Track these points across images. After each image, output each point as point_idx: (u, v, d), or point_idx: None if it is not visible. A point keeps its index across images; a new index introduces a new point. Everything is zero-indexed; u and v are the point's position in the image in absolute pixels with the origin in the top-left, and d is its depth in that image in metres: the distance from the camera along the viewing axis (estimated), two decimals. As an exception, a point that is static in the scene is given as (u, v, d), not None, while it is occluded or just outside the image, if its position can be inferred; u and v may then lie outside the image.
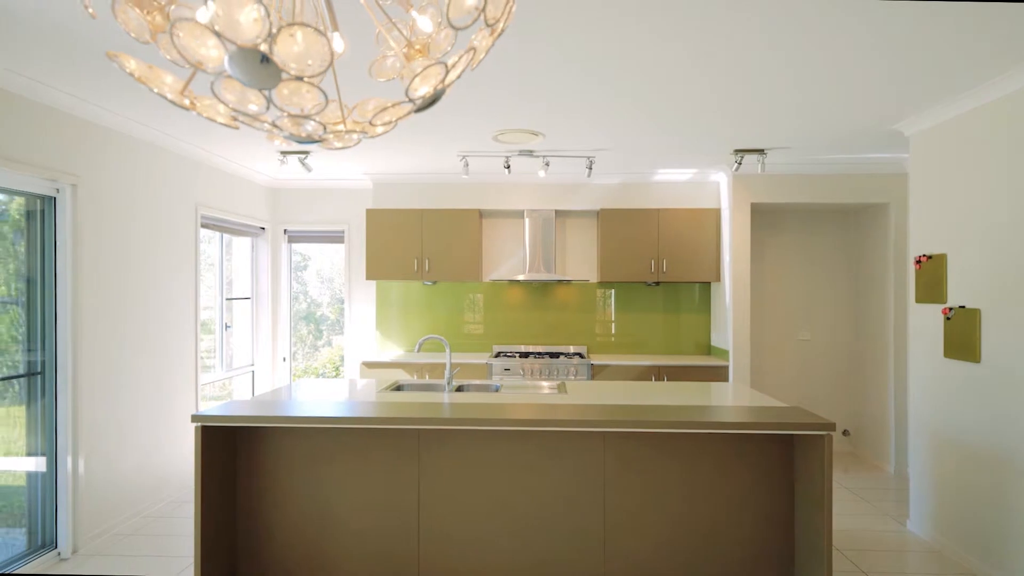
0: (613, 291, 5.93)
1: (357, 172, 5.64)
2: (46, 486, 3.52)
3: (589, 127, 4.06)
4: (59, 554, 3.50)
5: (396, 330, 5.99)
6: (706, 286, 5.90)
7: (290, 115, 0.99)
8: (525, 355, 5.66)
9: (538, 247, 5.67)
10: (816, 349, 5.84)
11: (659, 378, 5.26)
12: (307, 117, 1.00)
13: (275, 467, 3.27)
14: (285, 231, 6.15)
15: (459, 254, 5.62)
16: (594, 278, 5.89)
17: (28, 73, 3.10)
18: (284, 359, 6.15)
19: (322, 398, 3.46)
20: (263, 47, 0.86)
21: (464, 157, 4.79)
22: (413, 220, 5.62)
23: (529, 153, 4.73)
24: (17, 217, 3.39)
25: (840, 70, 3.03)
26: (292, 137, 1.09)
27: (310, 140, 1.10)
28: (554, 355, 5.64)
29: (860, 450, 5.68)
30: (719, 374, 5.28)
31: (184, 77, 1.08)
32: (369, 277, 5.64)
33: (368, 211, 5.63)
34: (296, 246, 6.35)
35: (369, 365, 5.43)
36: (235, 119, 1.06)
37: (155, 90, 1.02)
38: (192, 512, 4.21)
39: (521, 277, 5.58)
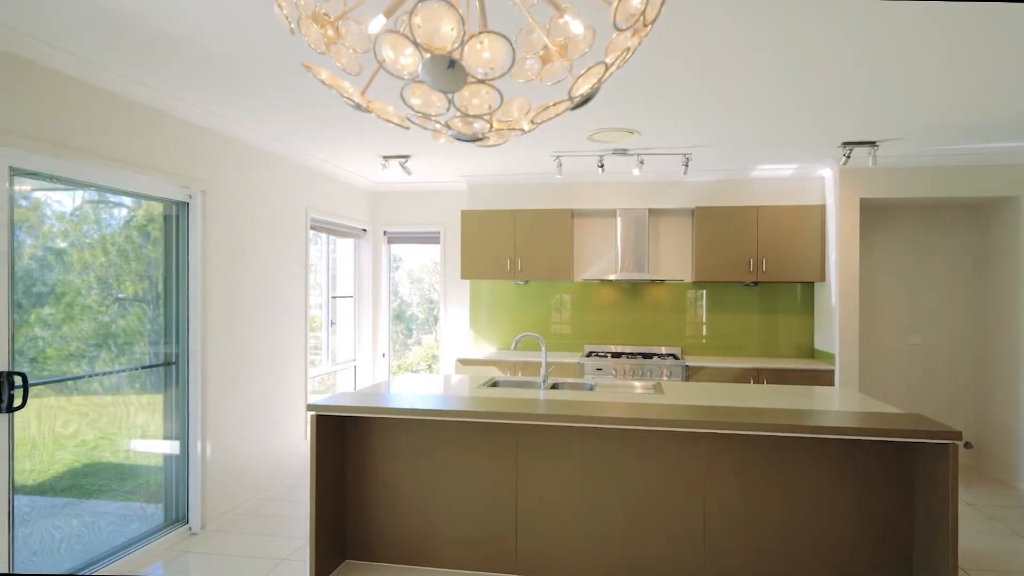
0: (708, 291, 5.79)
1: (453, 175, 5.81)
2: (179, 467, 3.86)
3: (686, 124, 4.00)
4: (190, 529, 3.84)
5: (489, 328, 6.12)
6: (809, 286, 5.64)
7: (462, 115, 1.06)
8: (617, 355, 5.63)
9: (630, 246, 5.62)
10: (931, 354, 5.45)
11: (758, 381, 5.08)
12: (478, 117, 1.07)
13: (381, 455, 3.44)
14: (385, 232, 6.43)
15: (551, 254, 5.67)
16: (688, 278, 5.77)
17: (169, 90, 3.43)
18: (383, 355, 6.43)
19: (422, 392, 3.60)
20: (455, 54, 0.94)
21: (558, 157, 4.83)
22: (506, 220, 5.72)
23: (623, 152, 4.71)
24: (144, 222, 3.75)
25: (971, 53, 2.83)
26: (458, 136, 1.17)
27: (473, 138, 1.18)
28: (647, 356, 5.57)
29: (984, 464, 5.25)
30: (824, 378, 5.04)
31: (349, 83, 1.18)
32: (464, 276, 5.80)
33: (463, 212, 5.78)
34: (390, 247, 6.61)
35: (464, 362, 5.58)
36: (408, 120, 1.15)
37: (343, 95, 1.13)
38: (303, 497, 4.51)
39: (613, 277, 5.55)
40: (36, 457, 3.00)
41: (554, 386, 4.02)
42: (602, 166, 4.89)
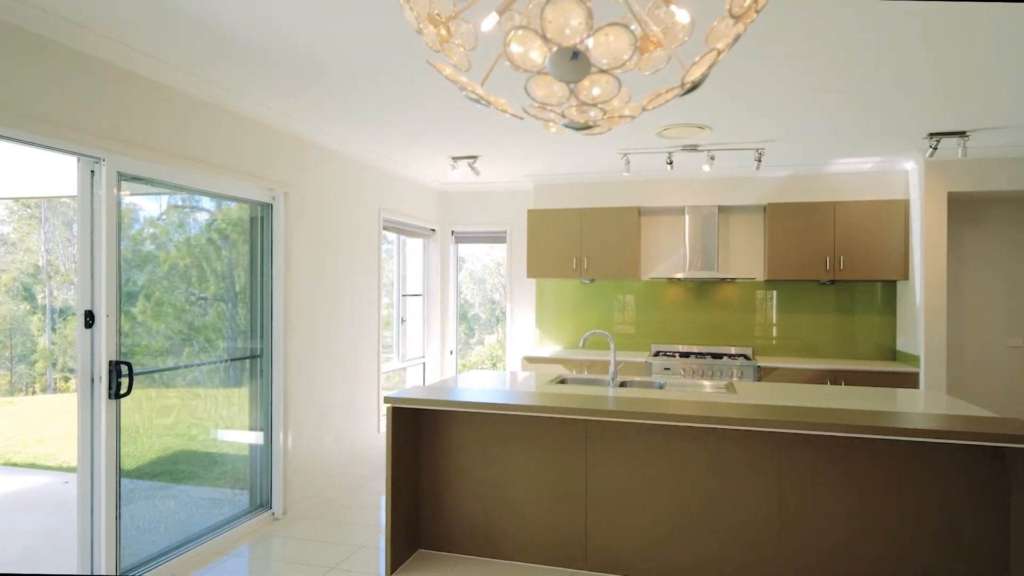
0: (781, 290, 5.62)
1: (518, 175, 5.87)
2: (263, 456, 4.07)
3: (761, 117, 3.91)
4: (273, 514, 4.04)
5: (554, 327, 6.14)
6: (890, 285, 5.39)
7: (579, 104, 1.11)
8: (685, 355, 5.55)
9: (698, 244, 5.53)
10: (1030, 357, 5.10)
11: (835, 383, 4.90)
12: (594, 105, 1.12)
13: (453, 448, 3.52)
14: (452, 232, 6.56)
15: (617, 252, 5.64)
16: (760, 276, 5.62)
17: (256, 97, 3.62)
18: (451, 352, 6.56)
19: (492, 387, 3.66)
20: (581, 46, 0.98)
21: (625, 155, 4.81)
22: (572, 219, 5.73)
23: (693, 148, 4.64)
24: (224, 226, 3.97)
25: (1072, 35, 2.66)
26: (569, 124, 1.22)
27: (584, 126, 1.22)
28: (716, 356, 5.47)
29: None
30: (907, 381, 4.81)
31: (466, 78, 1.25)
32: (530, 275, 5.85)
33: (529, 211, 5.83)
34: (457, 246, 6.73)
35: (530, 360, 5.63)
36: (524, 110, 1.21)
37: (463, 89, 1.20)
38: (377, 488, 4.67)
39: (680, 275, 5.48)
40: (135, 443, 3.23)
41: (622, 384, 4.00)
42: (671, 163, 4.84)
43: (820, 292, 5.53)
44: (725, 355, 5.51)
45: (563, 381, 4.06)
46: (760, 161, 4.75)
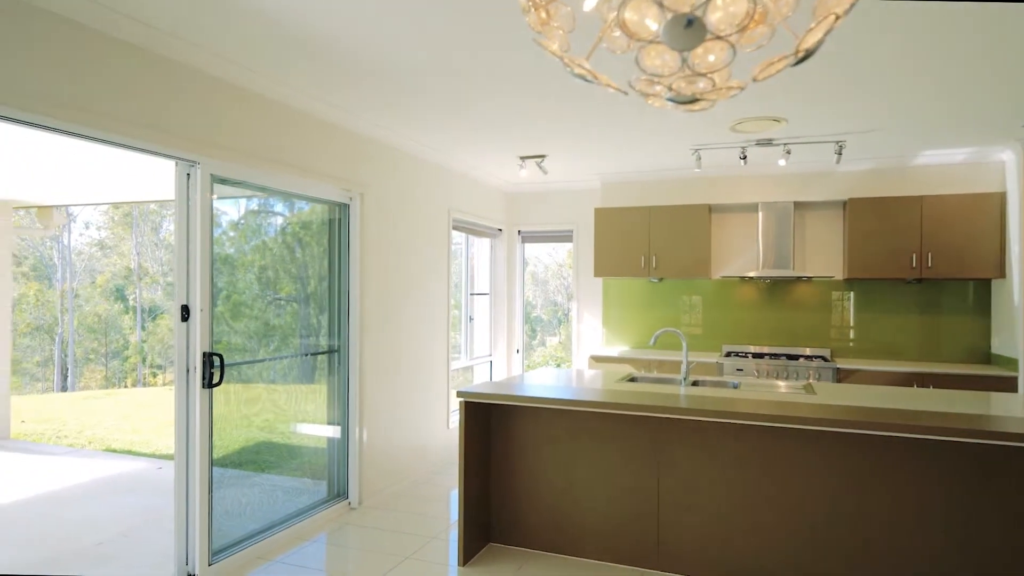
0: (861, 289, 5.38)
1: (586, 173, 5.86)
2: (340, 449, 4.22)
3: (842, 108, 3.76)
4: (349, 504, 4.19)
5: (622, 326, 6.09)
6: (984, 283, 5.06)
7: (688, 75, 1.12)
8: (758, 356, 5.39)
9: (772, 242, 5.36)
10: None
11: (922, 387, 4.65)
12: (703, 75, 1.13)
13: (524, 443, 3.55)
14: (519, 232, 6.61)
15: (687, 251, 5.54)
16: (839, 275, 5.40)
17: (334, 101, 3.77)
18: (517, 351, 6.61)
19: (561, 385, 3.67)
20: (699, 12, 1.00)
21: (697, 151, 4.72)
22: (640, 217, 5.67)
23: (768, 142, 4.51)
24: (298, 229, 4.13)
25: None
26: (675, 98, 1.23)
27: (690, 99, 1.23)
28: (792, 357, 5.28)
29: None
30: (1004, 385, 4.50)
31: (566, 56, 1.28)
32: (597, 274, 5.82)
33: (596, 210, 5.81)
34: (524, 246, 6.77)
35: (597, 359, 5.61)
36: (629, 84, 1.23)
37: (568, 66, 1.23)
38: (447, 482, 4.75)
39: (753, 274, 5.32)
40: (221, 434, 3.40)
41: (694, 383, 3.93)
42: (744, 158, 4.72)
43: (904, 291, 5.26)
44: (801, 356, 5.31)
45: (633, 379, 4.03)
46: (840, 154, 4.56)
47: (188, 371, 3.10)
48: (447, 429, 5.38)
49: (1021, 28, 2.62)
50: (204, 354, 3.10)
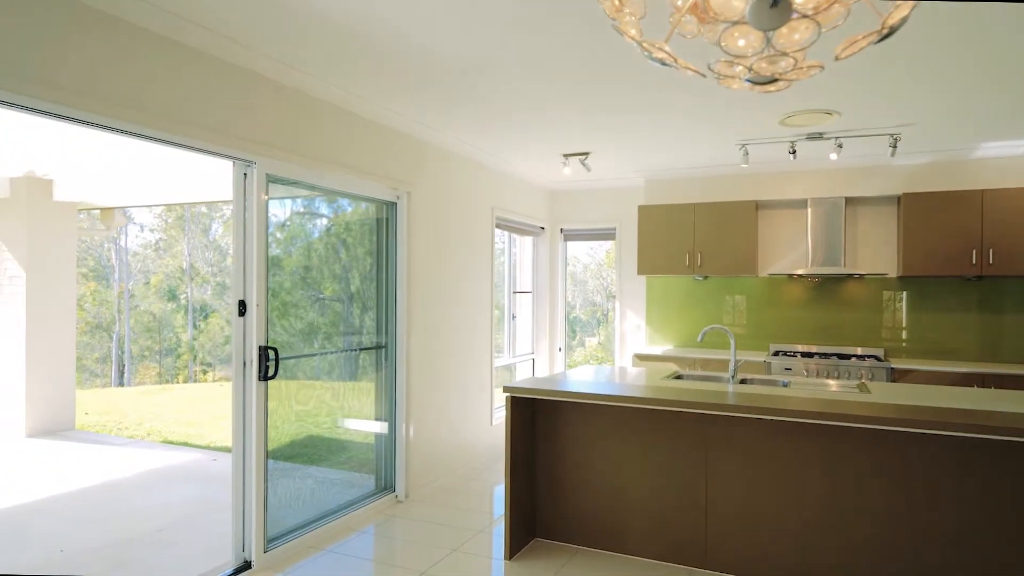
0: (916, 287, 5.20)
1: (629, 170, 5.82)
2: (388, 444, 4.30)
3: (898, 98, 3.65)
4: (396, 497, 4.26)
5: (666, 325, 6.03)
6: (1050, 281, 4.84)
7: (768, 56, 1.13)
8: (807, 355, 5.26)
9: (822, 238, 5.23)
10: None
11: (983, 388, 4.47)
12: (785, 54, 1.13)
13: (569, 439, 3.55)
14: (561, 230, 6.61)
15: (733, 248, 5.45)
16: (892, 272, 5.23)
17: (382, 101, 3.85)
18: (560, 349, 6.61)
19: (606, 381, 3.66)
20: None
21: (744, 146, 4.65)
22: (685, 215, 5.61)
23: (819, 136, 4.41)
24: (340, 230, 4.22)
25: None
26: (756, 79, 1.23)
27: (770, 80, 1.23)
28: (843, 356, 5.15)
29: None
30: (1073, 387, 4.30)
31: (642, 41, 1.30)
32: (640, 272, 5.78)
33: (640, 207, 5.77)
34: (566, 244, 6.77)
35: (641, 357, 5.57)
36: (708, 66, 1.24)
37: (653, 54, 1.25)
38: (491, 478, 4.79)
39: (801, 271, 5.21)
40: (273, 427, 3.50)
41: (742, 381, 3.87)
42: (793, 152, 4.62)
43: (963, 289, 5.06)
44: (852, 356, 5.17)
45: (679, 377, 3.99)
46: (895, 147, 4.42)
47: (245, 364, 3.21)
48: (490, 426, 5.42)
49: (1094, 11, 2.51)
50: (260, 348, 3.20)
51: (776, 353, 5.39)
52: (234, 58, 3.00)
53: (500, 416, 5.57)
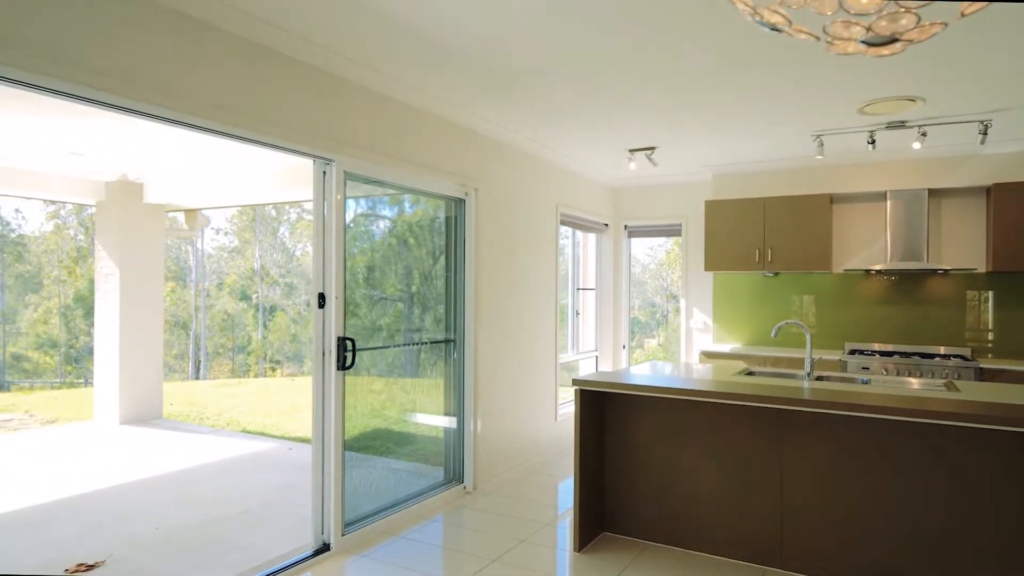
0: (1007, 283, 4.90)
1: (696, 165, 5.73)
2: (456, 438, 4.39)
3: (991, 81, 3.46)
4: (464, 488, 4.34)
5: (734, 323, 5.90)
6: None
7: (889, 14, 1.12)
8: (886, 354, 5.05)
9: (902, 232, 5.01)
10: None
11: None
12: (907, 11, 1.12)
13: (638, 433, 3.54)
14: (625, 227, 6.57)
15: (806, 243, 5.29)
16: (981, 267, 4.95)
17: (451, 99, 3.94)
18: (624, 346, 6.57)
19: (675, 376, 3.62)
20: None
21: (819, 136, 4.50)
22: (754, 209, 5.48)
23: (900, 124, 4.23)
24: (403, 230, 4.32)
25: None
26: (873, 40, 1.22)
27: (888, 40, 1.22)
28: (926, 356, 4.91)
29: None
30: None
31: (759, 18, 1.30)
32: (708, 269, 5.68)
33: (707, 203, 5.67)
34: (630, 241, 6.71)
35: (708, 355, 5.47)
36: (823, 30, 1.24)
37: (766, 19, 1.25)
38: (557, 472, 4.82)
39: (880, 267, 5.00)
40: (347, 420, 3.62)
41: (818, 379, 3.76)
42: (872, 142, 4.44)
43: (1062, 285, 4.74)
44: (936, 355, 4.93)
45: (750, 373, 3.91)
46: (985, 135, 4.19)
47: (324, 354, 3.35)
48: (554, 422, 5.44)
49: None
50: (338, 338, 3.33)
51: (852, 352, 5.19)
52: (313, 59, 3.14)
53: (564, 412, 5.59)
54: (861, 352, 5.16)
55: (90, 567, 3.17)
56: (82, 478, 4.67)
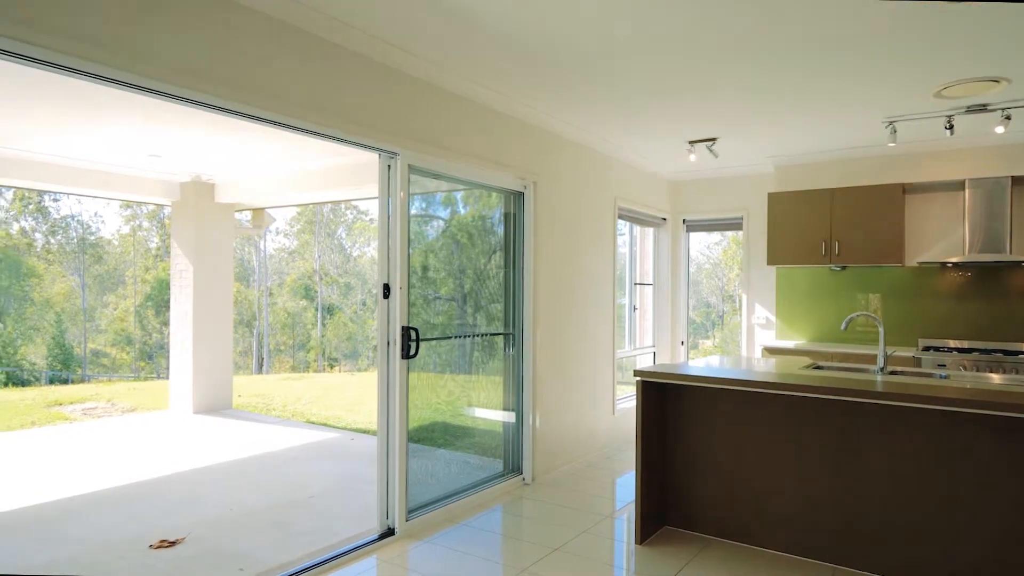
0: (1103, 275, 4.59)
1: (758, 156, 5.60)
2: (515, 432, 4.42)
3: (1081, 60, 3.26)
4: (523, 479, 4.37)
5: (798, 318, 5.73)
6: None
7: None
8: (964, 351, 4.80)
9: (981, 222, 4.76)
10: None
11: None
12: None
13: (700, 427, 3.48)
14: (684, 221, 6.47)
15: (875, 235, 5.08)
16: (1071, 259, 4.65)
17: (511, 94, 3.97)
18: (682, 342, 6.47)
19: (739, 369, 3.54)
20: None
21: (891, 123, 4.33)
22: (820, 201, 5.30)
23: (981, 108, 4.02)
24: (456, 230, 4.36)
25: None
26: None
27: None
28: (1009, 353, 4.65)
29: None
30: None
31: None
32: (770, 263, 5.53)
33: (770, 195, 5.52)
34: (688, 235, 6.60)
35: (771, 351, 5.33)
36: None
37: None
38: (616, 466, 4.79)
39: (957, 259, 4.76)
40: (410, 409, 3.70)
41: (892, 373, 3.61)
42: (950, 128, 4.23)
43: None
44: (1019, 352, 4.65)
45: (818, 367, 3.79)
46: (1076, 116, 3.94)
47: (389, 344, 3.43)
48: (612, 416, 5.41)
49: None
50: (403, 328, 3.41)
51: (927, 349, 4.96)
52: (378, 55, 3.22)
53: (622, 407, 5.55)
54: (936, 348, 4.93)
55: (172, 543, 3.34)
56: (161, 462, 4.93)
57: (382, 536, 3.38)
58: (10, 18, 1.96)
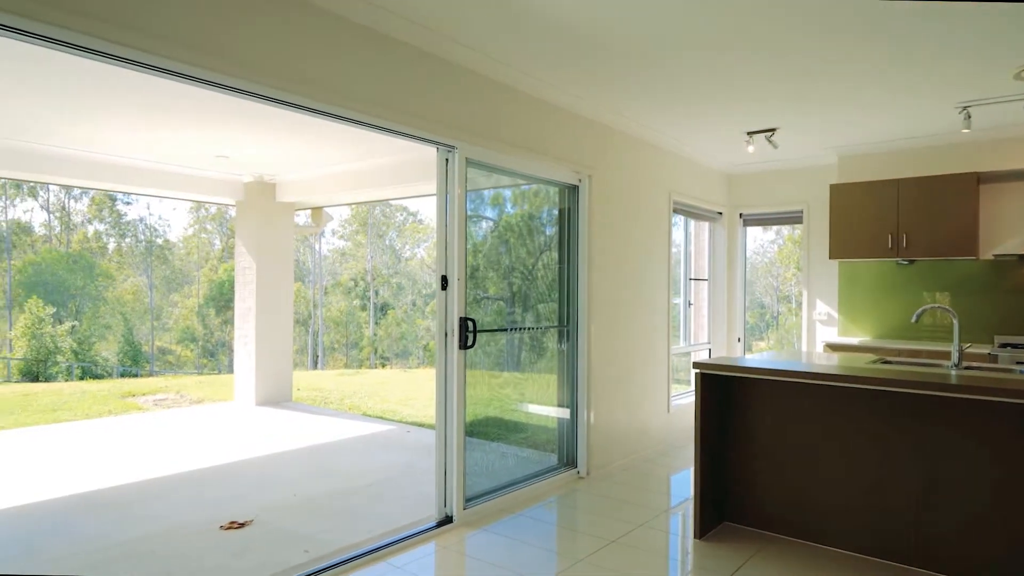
0: None
1: (819, 148, 5.43)
2: (570, 426, 4.42)
3: None
4: (578, 473, 4.36)
5: (863, 313, 5.53)
6: None
7: None
8: (1046, 348, 4.54)
9: (1066, 213, 4.48)
10: None
11: None
12: None
13: (762, 421, 3.41)
14: (740, 215, 6.33)
15: (946, 227, 4.86)
16: None
17: (565, 87, 3.98)
18: (739, 339, 6.33)
19: (802, 363, 3.45)
20: None
21: (965, 108, 4.13)
22: (886, 192, 5.11)
23: (1065, 89, 3.80)
24: (503, 230, 4.37)
25: None
26: None
27: None
28: (1096, 349, 4.37)
29: None
30: None
31: None
32: (832, 256, 5.36)
33: (832, 187, 5.35)
34: (745, 229, 6.45)
35: (833, 347, 5.16)
36: None
37: None
38: (671, 463, 4.74)
39: (1038, 252, 4.51)
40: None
41: (967, 369, 3.45)
42: (1030, 111, 4.02)
43: None
44: (1109, 350, 4.37)
45: (886, 362, 3.65)
46: None
47: (447, 335, 3.49)
48: (667, 413, 5.34)
49: None
50: (460, 319, 3.46)
51: (1003, 346, 4.72)
52: (435, 48, 3.28)
53: (676, 404, 5.47)
54: (1014, 346, 4.68)
55: (241, 525, 3.48)
56: (228, 449, 5.14)
57: (440, 524, 3.44)
58: (118, 23, 2.09)
